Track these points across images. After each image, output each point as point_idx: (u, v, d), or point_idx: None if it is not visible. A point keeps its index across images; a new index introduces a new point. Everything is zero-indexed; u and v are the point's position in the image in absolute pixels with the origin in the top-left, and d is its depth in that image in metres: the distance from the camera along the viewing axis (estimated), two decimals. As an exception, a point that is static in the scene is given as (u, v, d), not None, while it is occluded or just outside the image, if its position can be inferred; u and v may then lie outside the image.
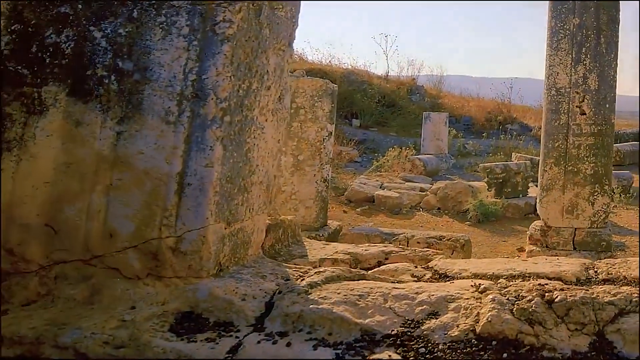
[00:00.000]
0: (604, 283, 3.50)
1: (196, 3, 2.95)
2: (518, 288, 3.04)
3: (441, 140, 21.99)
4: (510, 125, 29.70)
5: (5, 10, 3.01)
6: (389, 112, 28.42)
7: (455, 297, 2.93)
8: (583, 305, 2.84)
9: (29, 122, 2.95)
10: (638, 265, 3.80)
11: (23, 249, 2.89)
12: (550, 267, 3.72)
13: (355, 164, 20.68)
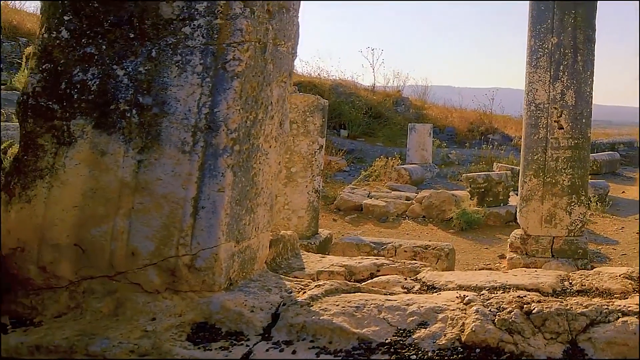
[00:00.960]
0: (577, 294, 3.71)
1: (209, 43, 3.13)
2: (499, 300, 3.23)
3: (426, 150, 22.03)
4: (491, 135, 29.76)
5: (37, 51, 3.18)
6: (375, 123, 28.41)
7: (442, 308, 3.12)
8: (558, 316, 3.04)
9: (59, 152, 3.11)
10: (610, 277, 4.00)
11: (54, 267, 3.06)
12: (528, 279, 3.90)
13: (344, 173, 20.68)
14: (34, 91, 3.16)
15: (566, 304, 3.22)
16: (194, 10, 3.19)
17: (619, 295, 3.70)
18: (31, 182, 3.11)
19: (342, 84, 30.90)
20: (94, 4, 3.19)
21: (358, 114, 27.84)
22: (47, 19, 3.22)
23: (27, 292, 3.06)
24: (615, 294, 3.72)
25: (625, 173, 23.18)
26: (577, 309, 3.15)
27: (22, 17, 22.90)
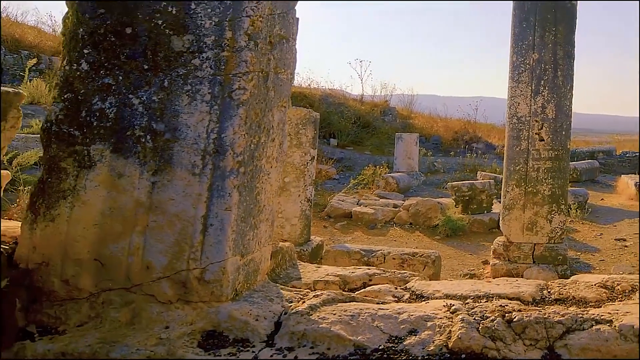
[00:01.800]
0: (555, 303, 3.86)
1: (216, 74, 3.29)
2: (483, 309, 3.40)
3: (412, 159, 22.06)
4: (475, 144, 29.82)
5: (59, 81, 3.34)
6: (364, 132, 28.40)
7: (431, 316, 3.28)
8: (537, 324, 3.21)
9: (80, 175, 3.27)
10: (586, 286, 4.15)
11: (76, 280, 3.22)
12: (510, 288, 4.05)
13: (334, 181, 20.68)
14: (56, 119, 3.32)
15: (544, 312, 3.36)
16: (203, 44, 3.33)
17: (594, 303, 3.83)
18: (55, 203, 3.27)
19: (331, 95, 30.96)
20: (111, 38, 3.35)
21: (347, 124, 27.87)
22: (68, 52, 3.37)
23: (51, 303, 3.22)
24: (591, 302, 3.85)
25: (604, 181, 23.22)
26: (554, 317, 3.30)
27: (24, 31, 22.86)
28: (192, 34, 3.37)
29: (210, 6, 3.36)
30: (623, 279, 4.35)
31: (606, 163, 26.74)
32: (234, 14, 3.36)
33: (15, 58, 20.13)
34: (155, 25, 3.37)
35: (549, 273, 9.73)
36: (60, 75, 3.39)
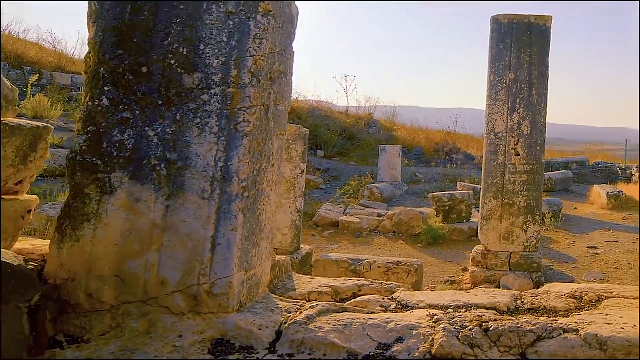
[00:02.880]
0: (528, 312, 4.06)
1: (223, 108, 3.49)
2: (462, 318, 3.61)
3: (395, 170, 22.19)
4: (455, 155, 29.97)
5: (82, 115, 3.54)
6: (349, 144, 28.50)
7: (415, 325, 3.49)
8: (510, 333, 3.42)
9: (102, 200, 3.48)
10: (556, 296, 4.36)
11: (99, 294, 3.42)
12: (487, 298, 4.25)
13: (320, 191, 20.74)
14: (80, 149, 3.52)
15: (517, 322, 3.56)
16: (211, 81, 3.52)
17: (563, 312, 4.03)
18: (79, 224, 3.47)
19: (318, 107, 31.08)
20: (129, 76, 3.55)
21: (333, 136, 27.99)
22: (91, 89, 3.57)
23: (77, 314, 3.41)
24: (560, 312, 4.05)
25: (577, 190, 23.36)
26: (526, 326, 3.49)
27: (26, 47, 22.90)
28: (201, 72, 3.55)
29: (218, 47, 3.54)
30: (590, 289, 4.53)
31: (579, 173, 26.94)
32: (239, 53, 3.54)
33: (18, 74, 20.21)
34: (168, 65, 3.55)
35: (524, 280, 9.94)
36: (83, 110, 3.58)
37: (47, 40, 26.47)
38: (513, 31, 10.49)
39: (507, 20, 10.53)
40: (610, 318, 3.75)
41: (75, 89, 22.56)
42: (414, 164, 27.46)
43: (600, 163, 28.54)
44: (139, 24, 3.59)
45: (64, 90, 21.87)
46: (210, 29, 3.59)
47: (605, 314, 3.87)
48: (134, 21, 3.59)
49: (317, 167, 23.27)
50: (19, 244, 3.93)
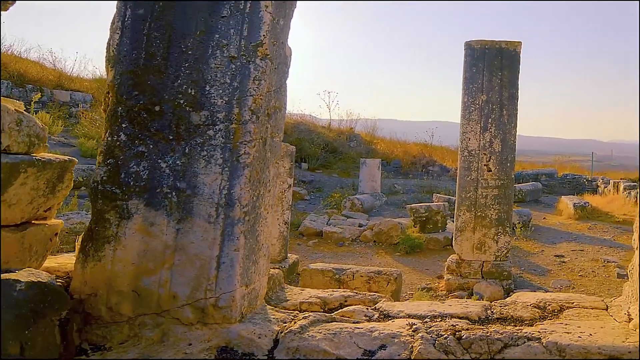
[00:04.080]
0: (497, 321, 4.25)
1: (226, 142, 3.74)
2: (438, 327, 3.86)
3: (375, 182, 22.35)
4: (431, 167, 30.19)
5: (103, 149, 3.80)
6: (332, 157, 28.65)
7: (396, 334, 3.75)
8: (480, 341, 3.68)
9: (121, 224, 3.73)
10: (522, 306, 4.57)
11: (118, 307, 3.68)
12: (460, 309, 4.45)
13: (305, 202, 20.87)
14: (101, 179, 3.78)
15: (487, 330, 3.81)
16: (216, 118, 3.77)
17: (528, 322, 4.23)
18: (101, 246, 3.73)
19: (302, 122, 31.24)
20: (143, 114, 3.80)
21: (316, 149, 28.17)
22: (110, 125, 3.83)
23: (99, 325, 3.67)
24: (526, 321, 4.25)
25: (546, 201, 23.55)
26: (495, 335, 3.74)
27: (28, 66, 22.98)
28: (207, 110, 3.79)
29: (222, 88, 3.79)
30: (554, 300, 4.72)
31: (549, 184, 27.22)
32: (240, 94, 3.79)
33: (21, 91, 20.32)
34: (178, 104, 3.80)
35: (495, 287, 10.18)
36: (103, 144, 3.83)
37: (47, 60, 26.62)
38: (485, 56, 10.73)
39: (480, 46, 10.78)
40: (569, 327, 3.96)
41: (74, 106, 22.71)
42: (393, 176, 27.64)
43: (569, 175, 28.82)
44: (153, 68, 3.84)
45: (64, 107, 22.00)
46: (215, 72, 3.82)
47: (566, 324, 4.07)
48: (148, 65, 3.84)
49: (302, 180, 23.45)
50: (47, 263, 4.21)
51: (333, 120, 35.14)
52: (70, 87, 24.03)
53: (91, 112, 22.38)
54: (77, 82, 25.39)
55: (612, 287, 10.71)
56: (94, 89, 25.36)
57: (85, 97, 23.89)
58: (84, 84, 25.71)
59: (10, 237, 3.80)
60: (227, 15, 3.88)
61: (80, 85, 25.13)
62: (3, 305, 2.81)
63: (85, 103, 23.51)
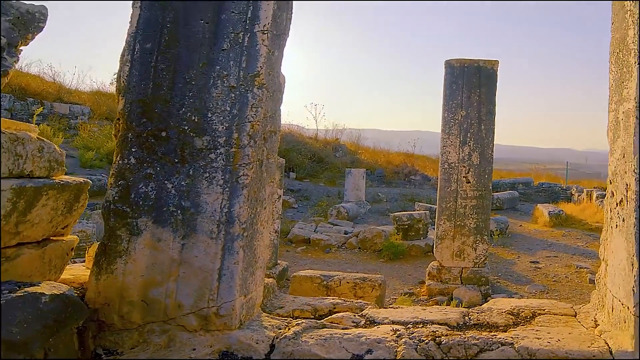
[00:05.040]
0: (474, 327, 4.40)
1: (227, 165, 3.93)
2: (420, 333, 4.04)
3: (360, 191, 22.56)
4: (413, 176, 30.39)
5: (114, 172, 3.99)
6: (318, 167, 28.82)
7: (382, 339, 3.93)
8: (459, 346, 3.87)
9: (131, 240, 3.92)
10: (497, 313, 4.71)
11: (129, 315, 3.87)
12: (440, 315, 4.61)
13: (293, 210, 21.05)
14: (113, 199, 3.98)
15: (465, 336, 3.99)
16: (217, 143, 3.96)
17: (502, 327, 4.39)
18: (113, 260, 3.92)
19: (290, 133, 31.38)
20: (151, 140, 3.99)
21: (304, 159, 28.34)
22: (121, 150, 4.02)
23: (111, 332, 3.86)
24: (500, 327, 4.40)
25: (523, 209, 23.80)
26: (471, 340, 3.92)
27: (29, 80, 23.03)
28: (209, 136, 3.98)
29: (222, 115, 3.98)
30: (527, 307, 4.86)
31: (525, 193, 27.48)
32: (239, 120, 3.98)
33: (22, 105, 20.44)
34: (183, 130, 3.99)
35: (474, 292, 10.41)
36: (114, 168, 4.02)
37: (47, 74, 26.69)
38: (464, 74, 10.99)
39: (459, 65, 11.04)
40: (540, 333, 4.12)
41: (73, 118, 22.82)
42: (377, 185, 27.84)
43: (544, 184, 29.11)
44: (160, 98, 4.03)
45: (64, 120, 22.10)
46: (217, 100, 4.01)
47: (537, 330, 4.23)
48: (155, 95, 4.04)
49: (290, 189, 23.62)
50: (63, 275, 4.42)
51: (320, 131, 35.42)
52: (69, 100, 24.13)
53: (89, 124, 22.53)
54: (76, 95, 25.49)
55: (584, 292, 10.93)
56: (91, 101, 25.46)
57: (83, 109, 23.98)
58: (82, 97, 25.79)
59: (33, 253, 4.01)
60: (227, 48, 4.07)
61: (79, 98, 25.23)
62: (31, 317, 3.02)
63: (83, 115, 23.61)
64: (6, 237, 3.71)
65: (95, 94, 27.19)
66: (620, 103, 4.11)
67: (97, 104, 25.21)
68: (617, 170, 4.13)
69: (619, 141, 4.13)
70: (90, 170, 17.03)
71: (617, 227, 4.08)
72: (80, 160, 17.48)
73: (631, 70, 3.92)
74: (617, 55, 4.27)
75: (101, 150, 19.43)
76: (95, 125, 22.60)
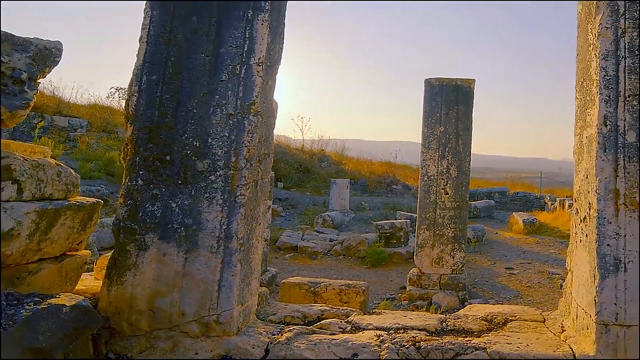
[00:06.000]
0: (450, 333, 4.55)
1: (226, 185, 4.13)
2: (401, 338, 4.23)
3: (344, 200, 22.72)
4: (395, 185, 30.61)
5: (124, 192, 4.21)
6: (305, 177, 28.90)
7: (366, 344, 4.13)
8: (436, 350, 4.05)
9: (139, 254, 4.12)
10: (472, 319, 4.84)
11: (138, 323, 4.07)
12: (420, 321, 4.77)
13: (281, 218, 21.18)
14: (123, 218, 4.19)
15: (442, 341, 4.16)
16: (217, 165, 4.17)
17: (477, 333, 4.53)
18: (123, 273, 4.13)
19: (278, 144, 31.46)
20: (157, 163, 4.20)
21: (291, 170, 28.46)
22: (129, 172, 4.23)
23: (122, 338, 4.06)
24: (475, 333, 4.54)
25: (499, 217, 24.00)
26: (448, 345, 4.09)
27: (30, 95, 23.21)
28: (209, 159, 4.19)
29: (221, 140, 4.19)
30: (500, 313, 5.00)
31: (501, 201, 27.73)
32: (237, 145, 4.19)
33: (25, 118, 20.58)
34: (185, 154, 4.20)
35: (452, 297, 10.65)
36: (124, 188, 4.22)
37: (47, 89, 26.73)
38: (443, 92, 11.25)
39: (438, 83, 11.29)
40: (510, 339, 4.28)
41: (72, 131, 22.91)
42: (360, 194, 27.97)
43: (520, 193, 29.39)
44: (164, 125, 4.24)
45: (63, 132, 22.14)
46: (216, 127, 4.22)
47: (508, 335, 4.38)
48: (161, 123, 4.25)
49: (278, 198, 23.75)
50: (77, 286, 4.63)
51: (306, 142, 35.60)
52: (68, 113, 24.19)
53: (87, 136, 22.62)
54: (74, 109, 25.54)
55: (556, 298, 11.12)
56: (88, 114, 25.51)
57: (81, 122, 24.05)
58: (80, 110, 25.85)
59: (52, 267, 4.22)
60: (226, 79, 4.29)
61: (77, 112, 25.27)
62: (54, 326, 3.24)
63: (81, 128, 23.70)
64: (29, 254, 3.92)
65: (92, 107, 27.23)
66: (584, 128, 4.34)
67: (94, 117, 25.28)
68: (581, 189, 4.35)
69: (583, 163, 4.35)
70: (89, 180, 17.14)
71: (581, 241, 4.29)
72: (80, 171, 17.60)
73: (593, 99, 4.14)
74: (581, 84, 4.50)
75: (99, 162, 19.55)
76: (93, 138, 22.70)
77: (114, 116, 26.96)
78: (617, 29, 4.07)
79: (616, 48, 4.07)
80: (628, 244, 3.90)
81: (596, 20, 4.17)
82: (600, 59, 4.08)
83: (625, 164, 3.95)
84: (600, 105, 4.04)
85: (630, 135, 3.97)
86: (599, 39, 4.12)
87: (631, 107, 3.98)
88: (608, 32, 4.09)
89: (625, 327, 3.83)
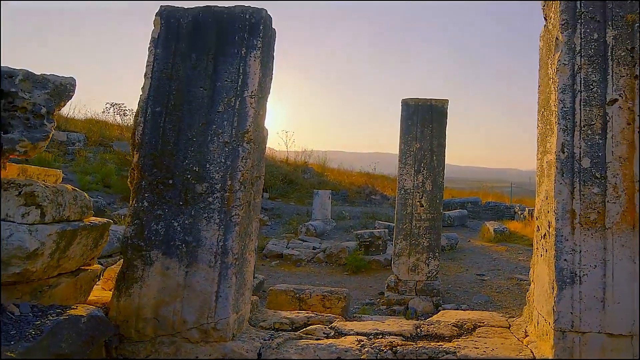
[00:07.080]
0: (425, 338, 4.70)
1: (222, 206, 4.38)
2: (380, 343, 4.43)
3: (326, 210, 22.89)
4: (374, 196, 30.85)
5: (131, 213, 4.49)
6: (289, 187, 29.00)
7: (348, 349, 4.33)
8: (411, 354, 4.23)
9: (145, 268, 4.37)
10: (444, 325, 5.01)
11: (144, 330, 4.31)
12: (396, 327, 4.96)
13: (267, 227, 21.27)
14: (130, 236, 4.43)
15: (416, 346, 4.33)
16: (214, 188, 4.42)
17: (448, 338, 4.64)
18: (131, 285, 4.37)
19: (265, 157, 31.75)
20: (160, 186, 4.45)
21: (276, 181, 28.58)
22: (136, 195, 4.49)
23: (129, 343, 4.30)
24: (446, 338, 4.68)
25: (472, 226, 24.18)
26: (422, 349, 4.26)
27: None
28: (207, 183, 4.43)
29: (218, 165, 4.43)
30: (469, 320, 5.16)
31: (474, 211, 27.94)
32: (232, 170, 4.44)
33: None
34: (186, 178, 4.45)
35: (427, 302, 10.89)
36: (131, 209, 4.48)
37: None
38: (419, 111, 11.49)
39: (414, 103, 11.54)
40: (478, 344, 4.43)
41: (70, 145, 23.04)
42: (341, 204, 28.11)
43: (491, 202, 29.65)
44: (167, 152, 4.50)
45: (62, 146, 22.30)
46: (213, 153, 4.47)
47: (475, 340, 4.53)
48: (164, 150, 4.50)
49: (264, 207, 23.83)
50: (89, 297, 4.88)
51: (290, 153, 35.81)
52: (66, 128, 24.28)
53: (85, 150, 22.77)
54: (72, 123, 25.63)
55: (523, 302, 11.16)
56: (85, 128, 25.61)
57: (79, 136, 24.14)
58: (77, 125, 25.96)
59: (69, 281, 4.47)
60: (222, 110, 4.55)
61: (75, 126, 25.36)
62: (74, 334, 3.50)
63: (79, 142, 23.81)
64: (50, 270, 4.16)
65: (89, 122, 27.32)
66: (545, 154, 4.57)
67: (90, 131, 25.38)
68: (542, 209, 4.58)
69: (543, 185, 4.57)
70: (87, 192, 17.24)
71: (542, 256, 4.49)
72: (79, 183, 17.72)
73: (552, 128, 4.35)
74: (542, 113, 4.73)
75: (97, 174, 19.69)
76: (90, 152, 22.83)
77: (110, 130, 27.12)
78: (574, 65, 4.26)
79: (573, 82, 4.26)
80: (583, 259, 4.09)
81: (555, 56, 4.37)
82: (558, 92, 4.27)
83: (581, 187, 4.15)
84: (559, 134, 4.24)
85: (585, 162, 4.17)
86: (557, 74, 4.32)
87: (586, 136, 4.18)
88: (565, 68, 4.29)
89: (580, 333, 4.01)
